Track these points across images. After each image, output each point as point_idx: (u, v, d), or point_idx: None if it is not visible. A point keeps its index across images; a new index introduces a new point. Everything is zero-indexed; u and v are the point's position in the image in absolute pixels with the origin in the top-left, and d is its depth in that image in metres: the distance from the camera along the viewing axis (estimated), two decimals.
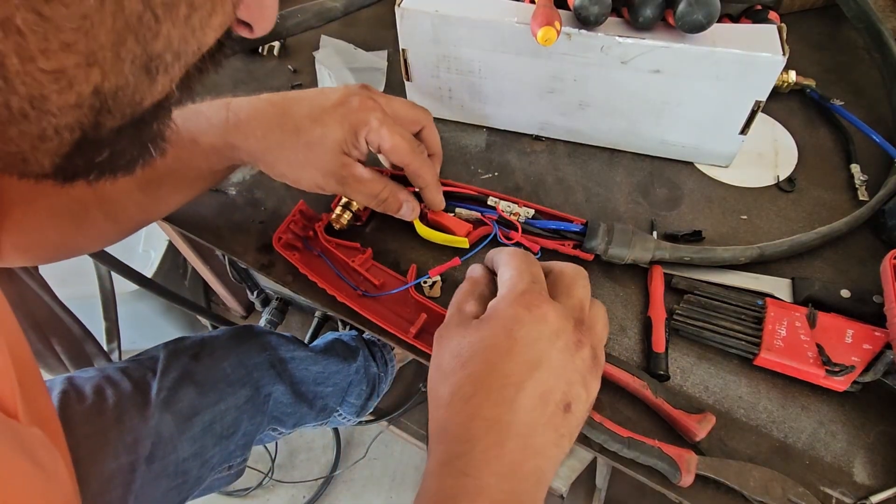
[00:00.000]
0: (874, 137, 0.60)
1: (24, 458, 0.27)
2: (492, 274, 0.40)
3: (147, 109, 0.24)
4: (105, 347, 0.90)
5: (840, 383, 0.43)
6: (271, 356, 0.74)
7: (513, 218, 0.52)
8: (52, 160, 0.23)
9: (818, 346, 0.44)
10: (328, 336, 0.96)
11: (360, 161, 0.48)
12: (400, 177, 0.52)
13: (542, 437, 0.33)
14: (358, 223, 0.55)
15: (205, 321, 1.22)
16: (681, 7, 0.47)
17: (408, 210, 0.50)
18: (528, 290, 0.35)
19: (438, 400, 0.35)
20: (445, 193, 0.54)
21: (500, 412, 0.33)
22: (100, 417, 0.57)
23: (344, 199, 0.54)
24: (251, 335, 0.75)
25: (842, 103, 0.63)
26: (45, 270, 0.80)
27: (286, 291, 1.06)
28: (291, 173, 0.47)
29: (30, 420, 0.29)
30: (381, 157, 0.55)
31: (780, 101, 0.65)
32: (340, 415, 0.90)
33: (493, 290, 0.38)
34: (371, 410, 0.97)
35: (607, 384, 0.46)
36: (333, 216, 0.53)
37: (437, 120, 0.65)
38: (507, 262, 0.37)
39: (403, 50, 0.59)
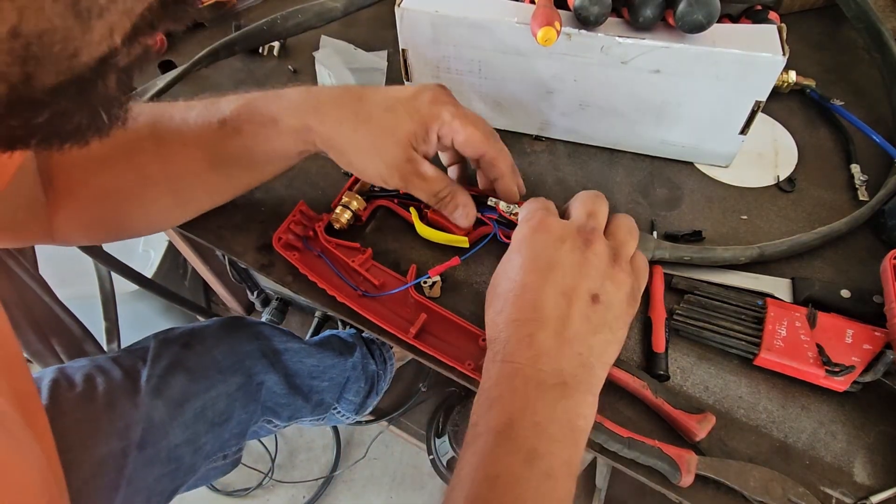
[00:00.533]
0: (874, 137, 0.60)
1: None
2: None
3: (89, 66, 0.22)
4: (105, 347, 0.90)
5: (840, 383, 0.43)
6: (263, 346, 0.75)
7: (513, 218, 0.52)
8: None
9: (818, 346, 0.44)
10: (325, 333, 0.96)
11: (426, 158, 0.48)
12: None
13: (576, 328, 0.37)
14: (358, 223, 0.55)
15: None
16: (681, 7, 0.47)
17: (461, 215, 0.49)
18: (533, 216, 0.42)
19: (486, 326, 0.41)
20: None
21: (527, 314, 0.38)
22: (90, 404, 0.57)
23: (344, 199, 0.54)
24: (242, 325, 0.75)
25: (842, 103, 0.63)
26: (45, 270, 0.79)
27: (286, 291, 1.06)
28: (358, 161, 0.47)
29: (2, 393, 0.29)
30: (450, 170, 0.55)
31: (780, 101, 0.65)
32: (339, 412, 0.90)
33: None
34: (371, 409, 0.97)
35: (607, 384, 0.46)
36: (333, 216, 0.53)
37: None
38: (523, 207, 0.44)
39: (403, 50, 0.59)
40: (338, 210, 0.53)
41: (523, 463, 0.33)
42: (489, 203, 0.54)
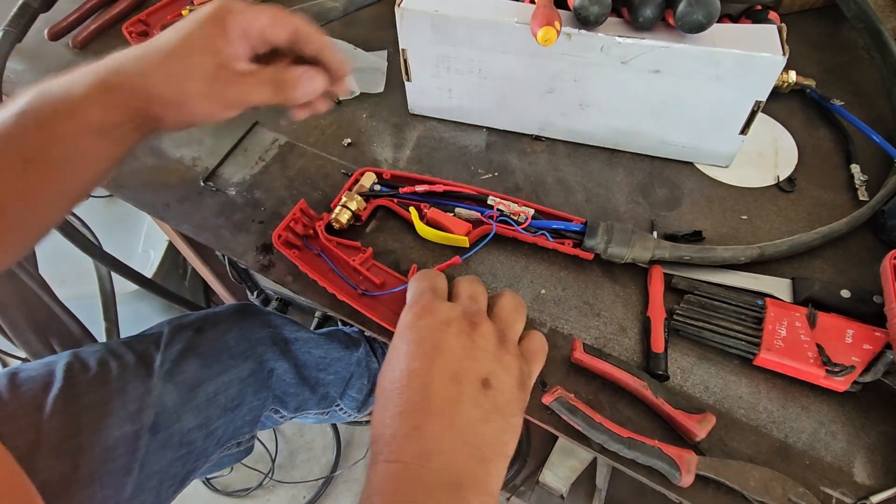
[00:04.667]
0: (874, 137, 0.60)
1: None
2: None
3: None
4: None
5: (840, 383, 0.43)
6: (273, 333, 0.75)
7: (512, 218, 0.52)
8: None
9: (818, 346, 0.44)
10: (330, 327, 0.97)
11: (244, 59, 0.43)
12: None
13: (466, 415, 0.34)
14: (357, 223, 0.55)
15: None
16: (681, 7, 0.47)
17: (307, 81, 0.44)
18: (417, 300, 0.39)
19: (371, 425, 0.37)
20: (445, 193, 0.54)
21: (414, 403, 0.35)
22: (103, 387, 0.58)
23: (343, 199, 0.54)
24: (254, 312, 0.76)
25: (842, 103, 0.63)
26: (45, 270, 0.80)
27: (286, 291, 1.06)
28: (180, 96, 0.41)
29: None
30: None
31: (780, 101, 0.65)
32: (341, 408, 0.90)
33: None
34: (372, 408, 0.97)
35: (607, 384, 0.46)
36: (333, 216, 0.53)
37: (437, 120, 0.65)
38: (409, 286, 0.41)
39: (403, 50, 0.59)
40: (337, 210, 0.53)
41: None
42: (489, 203, 0.54)
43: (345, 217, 0.53)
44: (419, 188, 0.54)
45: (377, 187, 0.56)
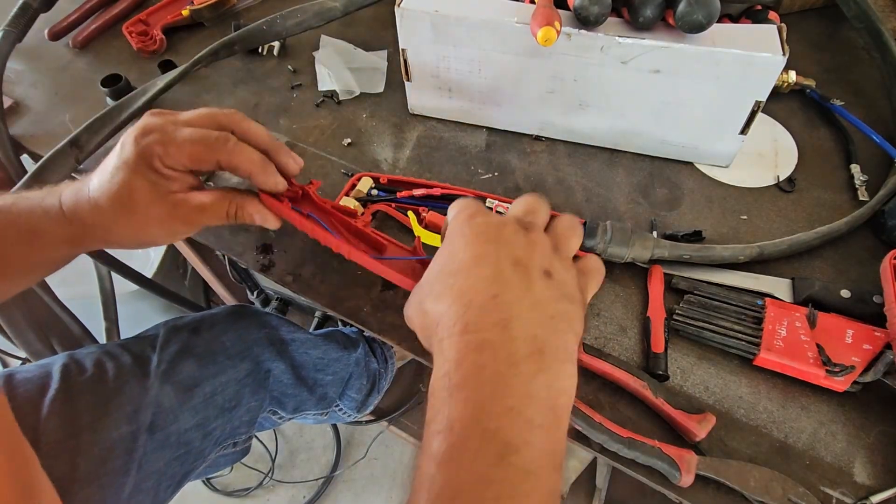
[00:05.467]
0: (874, 137, 0.60)
1: None
2: None
3: None
4: None
5: (840, 383, 0.43)
6: (270, 334, 0.75)
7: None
8: None
9: (818, 346, 0.44)
10: (328, 328, 0.97)
11: (193, 187, 0.44)
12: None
13: (541, 292, 0.32)
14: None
15: None
16: (681, 7, 0.47)
17: (261, 220, 0.46)
18: (465, 208, 0.37)
19: (421, 317, 0.35)
20: (443, 196, 0.54)
21: (486, 277, 0.32)
22: (100, 387, 0.58)
23: (341, 204, 0.54)
24: (250, 313, 0.76)
25: (842, 103, 0.63)
26: None
27: (286, 291, 1.06)
28: (140, 238, 0.45)
29: None
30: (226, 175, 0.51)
31: (780, 101, 0.65)
32: (341, 409, 0.90)
33: None
34: (372, 408, 0.97)
35: (607, 384, 0.46)
36: None
37: (437, 120, 0.65)
38: (452, 207, 0.38)
39: (403, 50, 0.59)
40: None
41: (495, 462, 0.27)
42: (487, 205, 0.54)
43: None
44: (416, 192, 0.54)
45: (374, 192, 0.56)
